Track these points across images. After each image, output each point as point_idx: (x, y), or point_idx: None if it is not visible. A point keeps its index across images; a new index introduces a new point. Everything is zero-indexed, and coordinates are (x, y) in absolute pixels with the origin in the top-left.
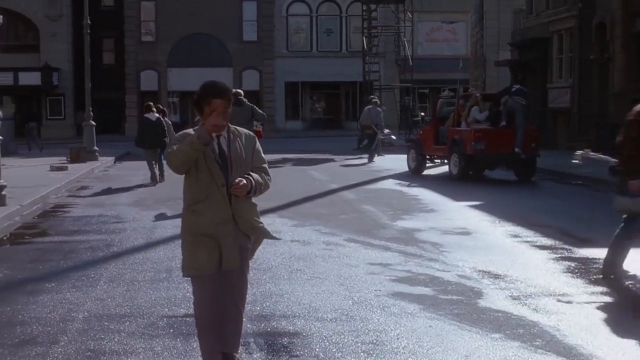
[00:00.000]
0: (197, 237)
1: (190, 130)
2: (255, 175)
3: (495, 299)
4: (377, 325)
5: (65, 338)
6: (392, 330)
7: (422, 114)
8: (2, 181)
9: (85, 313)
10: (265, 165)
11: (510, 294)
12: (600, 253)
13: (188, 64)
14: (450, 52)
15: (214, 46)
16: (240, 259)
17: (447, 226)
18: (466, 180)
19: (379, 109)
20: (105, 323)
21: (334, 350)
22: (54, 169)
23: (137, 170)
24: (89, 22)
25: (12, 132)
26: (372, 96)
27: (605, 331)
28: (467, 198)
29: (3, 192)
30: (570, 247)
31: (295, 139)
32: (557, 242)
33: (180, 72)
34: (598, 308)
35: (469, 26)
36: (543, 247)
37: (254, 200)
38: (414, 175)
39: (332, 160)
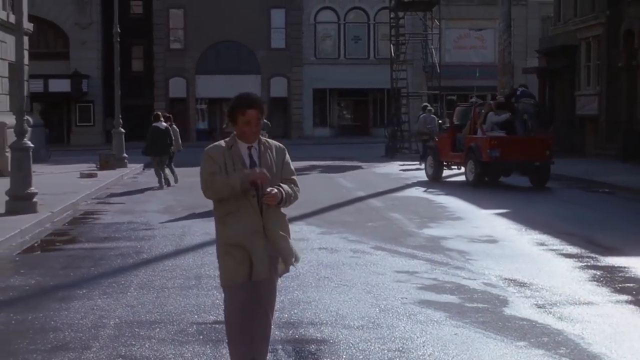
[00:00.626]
0: (228, 247)
1: (222, 142)
2: (286, 187)
3: (521, 307)
4: (404, 332)
5: (97, 344)
6: (418, 337)
7: (440, 121)
8: (33, 188)
9: (116, 319)
10: (295, 177)
11: (535, 302)
12: (625, 261)
13: (216, 71)
14: (478, 59)
15: (243, 53)
16: (270, 269)
17: (474, 234)
18: (492, 188)
19: (433, 115)
20: (136, 329)
21: (360, 357)
22: (84, 176)
23: None
24: (119, 30)
25: (43, 139)
26: (425, 104)
27: (630, 340)
28: (494, 206)
29: (34, 199)
30: (596, 256)
31: (323, 146)
32: (582, 251)
33: (208, 79)
34: (623, 316)
35: (496, 33)
36: (569, 255)
37: (283, 211)
38: (432, 182)
39: (359, 167)
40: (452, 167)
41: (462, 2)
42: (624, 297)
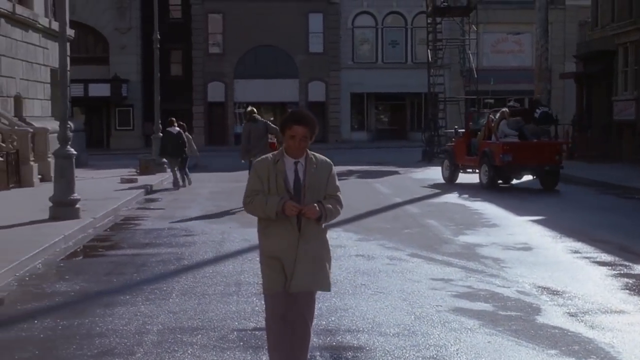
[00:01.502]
0: (267, 258)
1: (270, 156)
2: (328, 205)
3: (553, 315)
4: (438, 340)
5: (142, 350)
6: (452, 345)
7: (456, 126)
8: (76, 195)
9: (159, 325)
10: (339, 194)
11: (567, 311)
12: None
13: (254, 75)
14: (516, 63)
15: (281, 58)
16: (305, 283)
17: (509, 241)
18: (530, 195)
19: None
20: (179, 336)
21: None
22: (124, 181)
23: (204, 182)
24: (159, 37)
25: (83, 144)
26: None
27: None
28: (529, 213)
29: (77, 206)
30: (630, 264)
31: (360, 150)
32: (616, 259)
33: (246, 83)
34: None
35: (534, 37)
36: (602, 264)
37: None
38: (448, 184)
39: (396, 172)
40: (467, 170)
41: (499, 7)
42: None
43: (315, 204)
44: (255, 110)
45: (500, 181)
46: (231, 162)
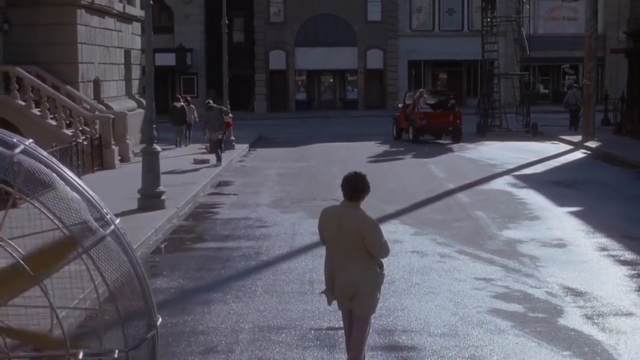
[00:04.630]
0: None
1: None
2: None
3: (573, 317)
4: (475, 341)
5: (239, 348)
6: (486, 346)
7: (396, 102)
8: (161, 187)
9: (250, 324)
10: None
11: (585, 313)
12: None
13: (315, 43)
14: (572, 30)
15: (340, 26)
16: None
17: (546, 237)
18: (570, 185)
19: (579, 91)
20: (267, 334)
21: None
22: (197, 162)
23: (271, 162)
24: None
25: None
26: (574, 83)
27: None
28: (570, 202)
29: (162, 197)
30: None
31: None
32: (638, 257)
33: (307, 51)
34: None
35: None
36: (625, 262)
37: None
38: (396, 140)
39: (450, 150)
40: (405, 132)
41: None
42: None
43: None
44: (211, 101)
45: (421, 137)
46: (294, 131)
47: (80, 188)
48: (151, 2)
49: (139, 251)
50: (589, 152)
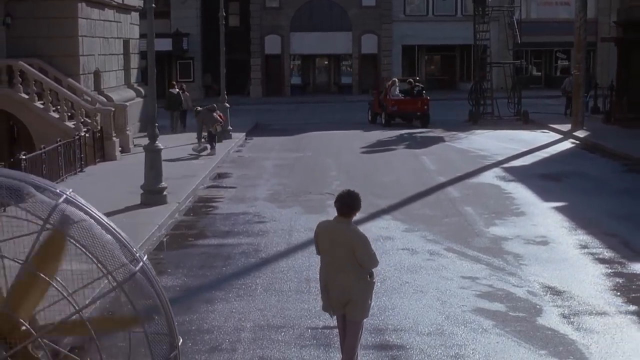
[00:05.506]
0: None
1: None
2: None
3: (550, 317)
4: (459, 340)
5: (241, 347)
6: (469, 345)
7: (370, 88)
8: (163, 183)
9: (251, 322)
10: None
11: (562, 312)
12: None
13: (310, 28)
14: (564, 15)
15: (335, 11)
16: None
17: (531, 234)
18: (557, 179)
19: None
20: (267, 333)
21: None
22: (195, 151)
23: (268, 152)
24: None
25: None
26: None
27: (622, 351)
28: (555, 197)
29: (164, 193)
30: (625, 261)
31: None
32: (616, 255)
33: (302, 36)
34: (627, 328)
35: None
36: (603, 261)
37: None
38: (371, 123)
39: (442, 140)
40: (378, 116)
41: None
42: (633, 308)
43: None
44: (198, 107)
45: (392, 122)
46: (290, 117)
47: (114, 231)
48: None
49: (143, 248)
50: (577, 142)
